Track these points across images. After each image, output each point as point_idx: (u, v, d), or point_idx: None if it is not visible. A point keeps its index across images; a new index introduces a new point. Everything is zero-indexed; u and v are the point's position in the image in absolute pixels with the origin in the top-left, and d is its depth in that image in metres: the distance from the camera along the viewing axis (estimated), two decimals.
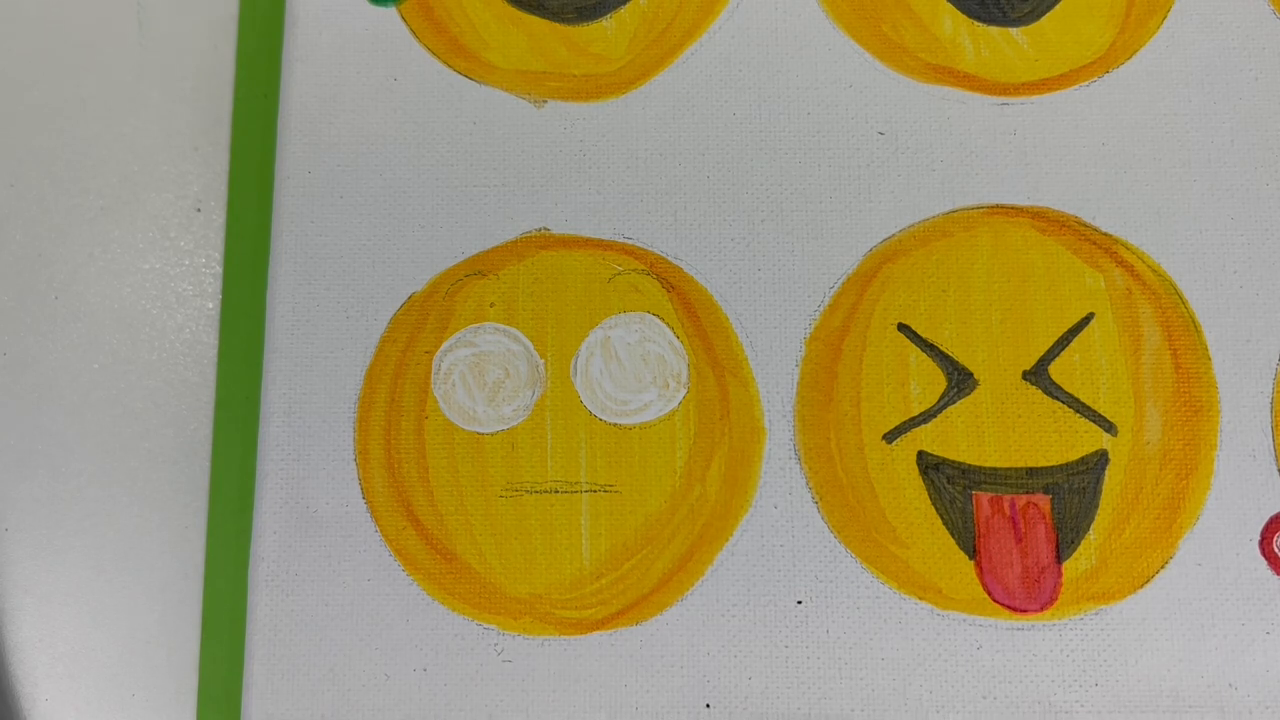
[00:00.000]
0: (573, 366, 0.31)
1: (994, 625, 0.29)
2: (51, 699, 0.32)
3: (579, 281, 0.31)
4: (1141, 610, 0.29)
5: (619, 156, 0.32)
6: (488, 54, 0.33)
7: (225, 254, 0.34)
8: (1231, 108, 0.31)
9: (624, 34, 0.33)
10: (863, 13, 0.32)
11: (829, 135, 0.32)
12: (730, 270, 0.31)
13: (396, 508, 0.30)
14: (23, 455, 0.33)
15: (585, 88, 0.32)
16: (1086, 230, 0.31)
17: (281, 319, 0.31)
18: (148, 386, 0.33)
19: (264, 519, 0.30)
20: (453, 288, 0.31)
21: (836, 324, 0.31)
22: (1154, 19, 0.32)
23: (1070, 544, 0.29)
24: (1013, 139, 0.31)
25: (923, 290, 0.31)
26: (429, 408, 0.30)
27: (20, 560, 0.32)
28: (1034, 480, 0.30)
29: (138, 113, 0.35)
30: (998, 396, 0.30)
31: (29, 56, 0.36)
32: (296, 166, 0.32)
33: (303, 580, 0.30)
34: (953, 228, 0.31)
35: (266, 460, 0.30)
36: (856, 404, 0.30)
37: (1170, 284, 0.30)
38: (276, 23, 0.34)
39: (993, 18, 0.32)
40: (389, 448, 0.30)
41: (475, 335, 0.31)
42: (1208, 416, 0.30)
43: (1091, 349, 0.30)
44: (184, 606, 0.32)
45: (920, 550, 0.29)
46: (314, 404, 0.31)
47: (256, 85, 0.35)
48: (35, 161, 0.35)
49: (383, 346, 0.31)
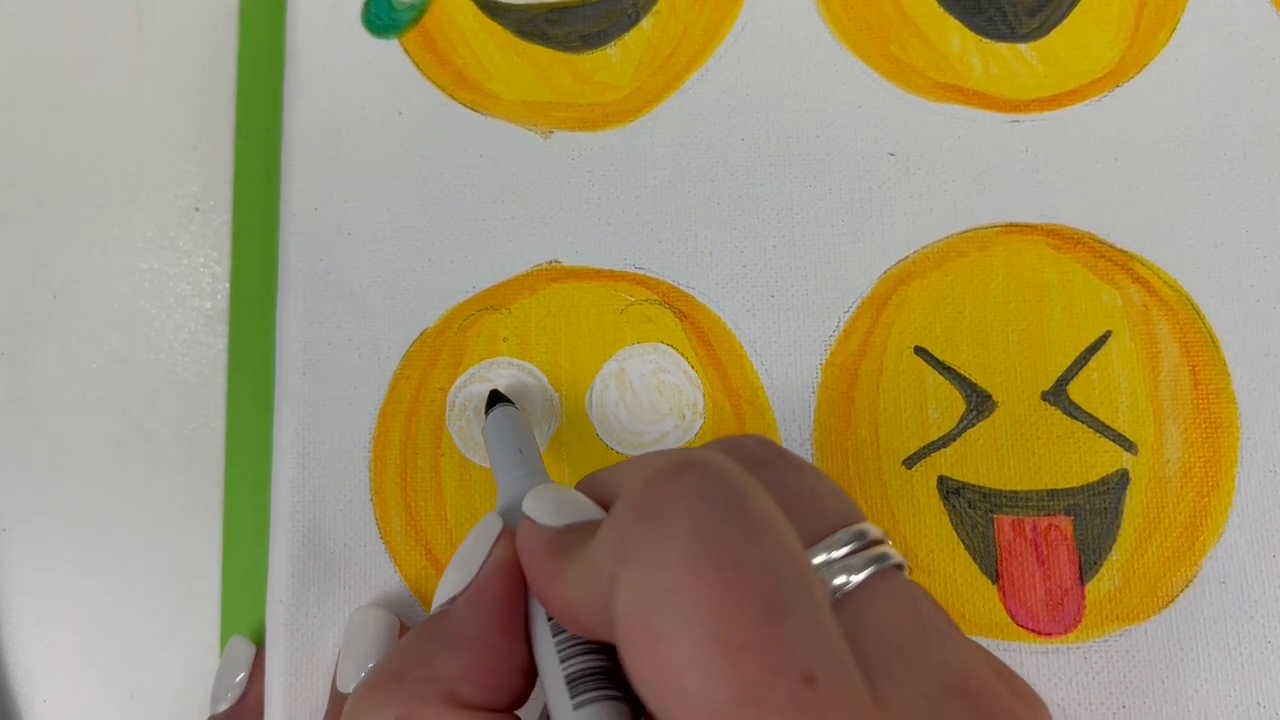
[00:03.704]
0: (588, 399, 0.30)
1: (1019, 649, 0.29)
2: (49, 700, 0.32)
3: (591, 314, 0.31)
4: (1166, 630, 0.29)
5: (628, 185, 0.31)
6: (492, 85, 0.32)
7: (232, 287, 0.34)
8: (1243, 119, 0.31)
9: (629, 61, 0.32)
10: (870, 32, 0.32)
11: (839, 158, 0.31)
12: (743, 297, 0.31)
13: (415, 547, 0.30)
14: (21, 455, 0.33)
15: (592, 117, 0.32)
16: (1102, 247, 0.31)
17: (292, 359, 0.31)
18: (146, 386, 0.33)
19: (279, 562, 0.30)
20: (465, 323, 0.31)
21: (852, 349, 0.30)
22: (1163, 31, 0.32)
23: (1093, 565, 0.29)
24: (1024, 156, 0.31)
25: (938, 312, 0.30)
26: (444, 445, 0.30)
27: (18, 561, 0.32)
28: (1055, 502, 0.29)
29: (136, 112, 0.35)
30: (1017, 418, 0.30)
31: (27, 56, 0.35)
32: (302, 203, 0.32)
33: (321, 624, 0.29)
34: (967, 248, 0.31)
35: (280, 502, 0.30)
36: (875, 430, 0.30)
37: (1187, 299, 0.30)
38: (277, 21, 0.34)
39: (1001, 34, 0.32)
40: (405, 486, 0.30)
41: (489, 370, 0.31)
42: (1228, 433, 0.30)
43: (1110, 367, 0.30)
44: (183, 607, 0.32)
45: (943, 575, 0.29)
46: (328, 444, 0.30)
47: (258, 83, 0.34)
48: (33, 161, 0.35)
49: (396, 384, 0.31)
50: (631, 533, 0.17)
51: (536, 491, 0.22)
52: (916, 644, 0.18)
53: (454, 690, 0.21)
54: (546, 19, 0.33)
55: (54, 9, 0.35)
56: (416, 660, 0.21)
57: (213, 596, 0.32)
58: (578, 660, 0.20)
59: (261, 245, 0.34)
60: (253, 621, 0.32)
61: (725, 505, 0.17)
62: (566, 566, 0.20)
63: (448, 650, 0.21)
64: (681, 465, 0.18)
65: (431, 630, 0.22)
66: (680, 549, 0.16)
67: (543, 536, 0.21)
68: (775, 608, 0.16)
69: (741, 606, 0.16)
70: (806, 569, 0.17)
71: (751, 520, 0.17)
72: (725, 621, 0.16)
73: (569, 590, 0.20)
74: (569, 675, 0.20)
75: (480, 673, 0.21)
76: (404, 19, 0.33)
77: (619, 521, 0.18)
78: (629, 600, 0.17)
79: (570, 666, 0.20)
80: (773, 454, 0.21)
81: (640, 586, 0.16)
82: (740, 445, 0.21)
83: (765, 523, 0.17)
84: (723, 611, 0.16)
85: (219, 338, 0.34)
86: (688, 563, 0.16)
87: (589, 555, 0.19)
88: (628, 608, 0.17)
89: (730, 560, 0.16)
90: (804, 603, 0.16)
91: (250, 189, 0.34)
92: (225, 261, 0.34)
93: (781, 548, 0.17)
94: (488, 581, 0.22)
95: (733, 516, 0.17)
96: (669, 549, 0.16)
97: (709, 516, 0.17)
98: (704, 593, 0.16)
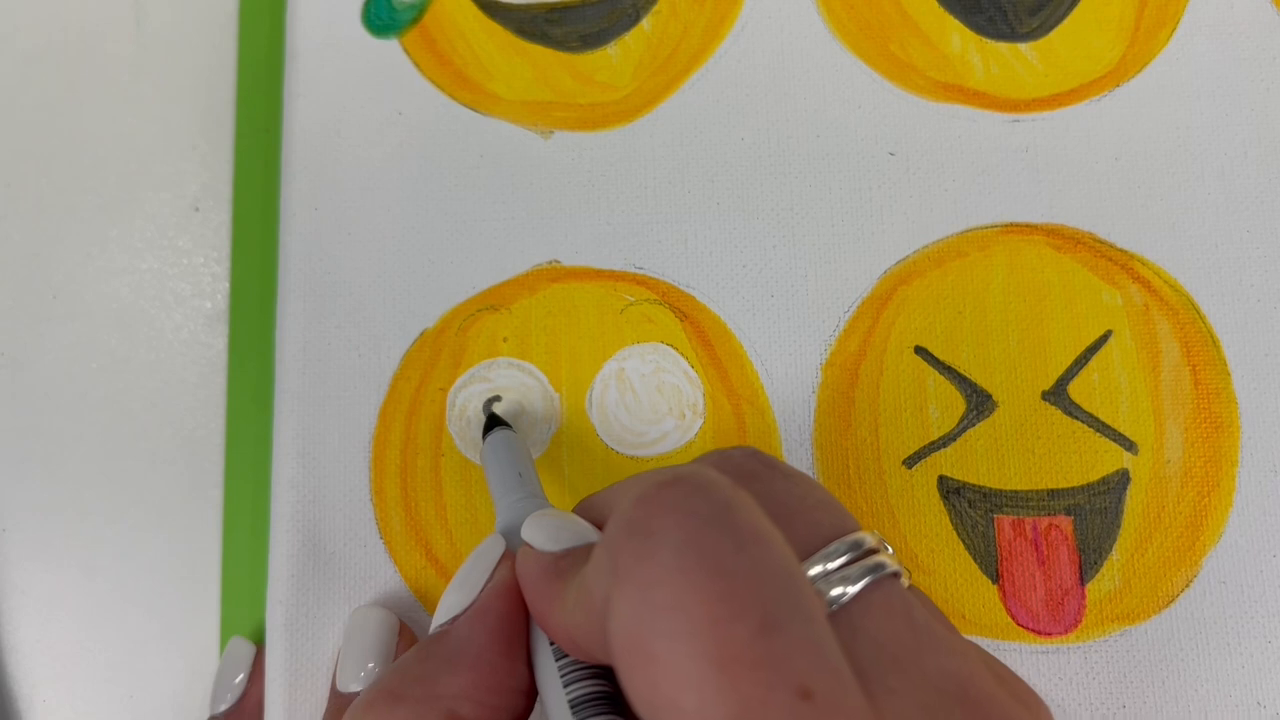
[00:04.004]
0: (588, 399, 0.30)
1: (1019, 649, 0.29)
2: (49, 701, 0.32)
3: (591, 314, 0.31)
4: (1167, 630, 0.29)
5: (628, 185, 0.31)
6: (492, 85, 0.32)
7: (232, 287, 0.34)
8: (1244, 119, 0.31)
9: (629, 61, 0.32)
10: (870, 32, 0.32)
11: (839, 157, 0.31)
12: (743, 297, 0.31)
13: (415, 547, 0.30)
14: (20, 455, 0.33)
15: (592, 117, 0.32)
16: (1102, 246, 0.31)
17: (292, 359, 0.31)
18: (145, 386, 0.33)
19: (279, 562, 0.30)
20: (465, 323, 0.31)
21: (853, 349, 0.30)
22: (1164, 31, 0.32)
23: (1093, 565, 0.29)
24: (1025, 156, 0.31)
25: (939, 312, 0.30)
26: (444, 445, 0.30)
27: (17, 561, 0.32)
28: (1056, 502, 0.29)
29: (135, 112, 0.35)
30: (1017, 418, 0.30)
31: (27, 55, 0.35)
32: (302, 203, 0.32)
33: (321, 624, 0.29)
34: (967, 248, 0.31)
35: (280, 502, 0.30)
36: (875, 430, 0.30)
37: (1188, 299, 0.30)
38: (277, 21, 0.34)
39: (1001, 34, 0.32)
40: (405, 486, 0.30)
41: (489, 370, 0.31)
42: (1228, 433, 0.30)
43: (1110, 367, 0.30)
44: (184, 607, 0.32)
45: (943, 576, 0.29)
46: (328, 444, 0.30)
47: (258, 83, 0.34)
48: (32, 161, 0.35)
49: (396, 384, 0.31)
50: (622, 550, 0.17)
51: (534, 518, 0.22)
52: (914, 653, 0.17)
53: (454, 710, 0.21)
54: (547, 19, 0.33)
55: (54, 9, 0.35)
56: (416, 678, 0.21)
57: (213, 596, 0.32)
58: (580, 685, 0.20)
59: (261, 245, 0.34)
60: (253, 621, 0.32)
61: (713, 518, 0.17)
62: (565, 591, 0.20)
63: (449, 669, 0.21)
64: (668, 481, 0.17)
65: (431, 650, 0.22)
66: (670, 564, 0.16)
67: (541, 562, 0.21)
68: (769, 621, 0.16)
69: (735, 620, 0.15)
70: (800, 580, 0.17)
71: (740, 532, 0.17)
72: (719, 637, 0.15)
73: (567, 615, 0.19)
74: (573, 700, 0.20)
75: (481, 692, 0.21)
76: (404, 19, 0.33)
77: (610, 541, 0.18)
78: (622, 619, 0.16)
79: (573, 691, 0.20)
80: (761, 465, 0.21)
81: (632, 604, 0.16)
82: (728, 458, 0.21)
83: (755, 534, 0.17)
84: (716, 626, 0.15)
85: (219, 338, 0.34)
86: (678, 577, 0.16)
87: (585, 578, 0.19)
88: (621, 627, 0.16)
89: (721, 573, 0.16)
90: (798, 615, 0.16)
91: (250, 189, 0.34)
92: (225, 261, 0.34)
93: (773, 559, 0.16)
94: (489, 603, 0.22)
95: (721, 529, 0.16)
96: (659, 564, 0.16)
97: (697, 530, 0.16)
98: (696, 607, 0.16)
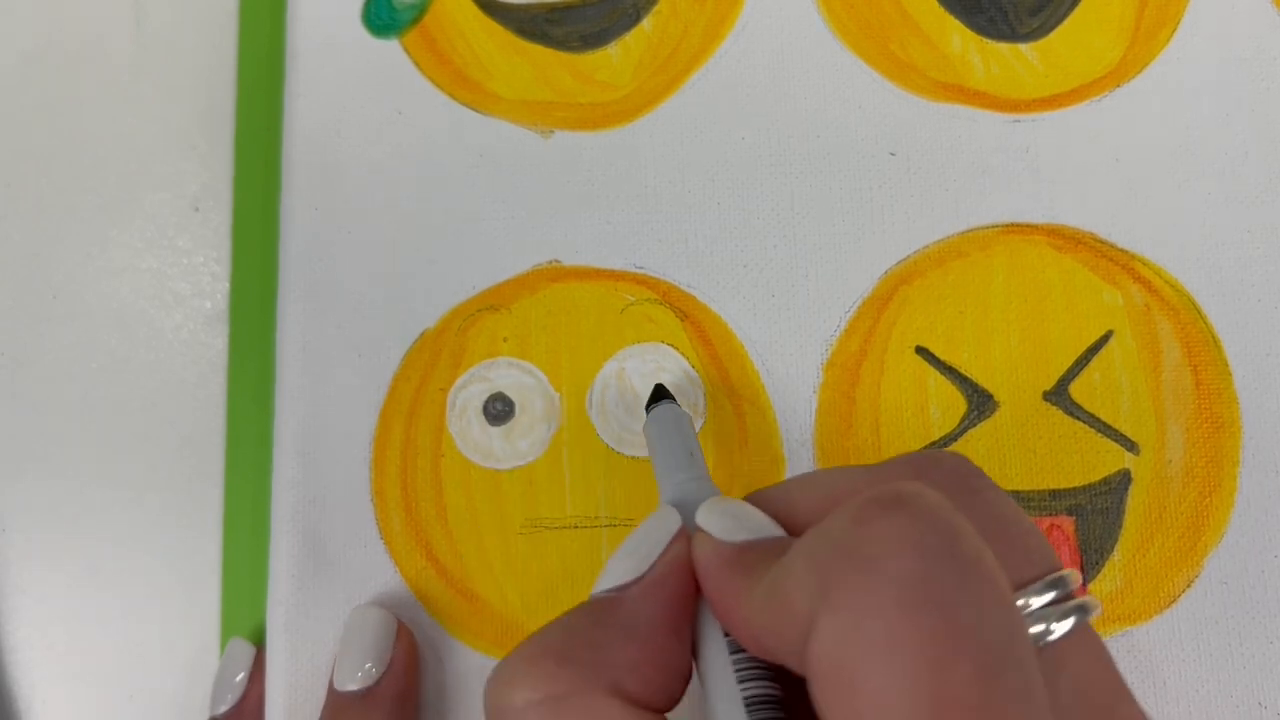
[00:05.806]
0: (588, 399, 0.30)
1: None
2: (48, 701, 0.32)
3: (592, 313, 0.31)
4: (1168, 631, 0.29)
5: (628, 185, 0.31)
6: (492, 85, 0.32)
7: (232, 287, 0.34)
8: (1245, 119, 0.31)
9: (629, 61, 0.32)
10: (870, 32, 0.32)
11: (839, 157, 0.31)
12: (744, 297, 0.31)
13: (415, 548, 0.30)
14: (20, 455, 0.33)
15: (592, 116, 0.32)
16: (1103, 247, 0.31)
17: (292, 359, 0.31)
18: (145, 386, 0.33)
19: (279, 562, 0.30)
20: (465, 323, 0.31)
21: (854, 349, 0.30)
22: (1164, 31, 0.32)
23: (1095, 566, 0.29)
24: (1025, 156, 0.31)
25: (940, 312, 0.30)
26: (445, 445, 0.30)
27: (17, 561, 0.32)
28: (1057, 502, 0.29)
29: (135, 111, 0.35)
30: (1018, 418, 0.30)
31: (27, 56, 0.35)
32: (302, 203, 0.32)
33: (321, 624, 0.29)
34: (968, 247, 0.31)
35: (280, 503, 0.30)
36: (876, 430, 0.30)
37: (1188, 299, 0.30)
38: (277, 21, 0.34)
39: (1001, 34, 0.32)
40: (405, 487, 0.30)
41: (489, 371, 0.31)
42: (1230, 433, 0.29)
43: (1111, 367, 0.30)
44: (184, 607, 0.32)
45: None
46: (327, 445, 0.30)
47: (258, 83, 0.34)
48: (32, 160, 0.35)
49: (396, 384, 0.31)
50: (836, 573, 0.16)
51: (712, 504, 0.22)
52: (1112, 701, 0.17)
53: (619, 682, 0.19)
54: (547, 19, 0.33)
55: (54, 9, 0.35)
56: (586, 643, 0.20)
57: (213, 596, 0.32)
58: (756, 684, 0.19)
59: (261, 245, 0.34)
60: (253, 621, 0.32)
61: (940, 552, 0.16)
62: (750, 587, 0.19)
63: (621, 639, 0.20)
64: (890, 503, 0.17)
65: (601, 616, 0.21)
66: (889, 597, 0.16)
67: (722, 553, 0.20)
68: (988, 665, 0.15)
69: (955, 664, 0.15)
70: (1018, 620, 0.16)
71: (967, 567, 0.16)
72: (937, 679, 0.15)
73: (754, 613, 0.19)
74: (748, 699, 0.19)
75: (648, 669, 0.20)
76: (404, 19, 0.33)
77: (819, 557, 0.17)
78: (830, 644, 0.16)
79: (749, 689, 0.19)
80: (973, 475, 0.20)
81: (845, 632, 0.16)
82: (939, 465, 0.20)
83: (980, 570, 0.16)
84: (936, 668, 0.15)
85: (219, 338, 0.34)
86: (896, 613, 0.15)
87: (778, 582, 0.18)
88: (828, 651, 0.16)
89: (943, 612, 0.15)
90: (1015, 660, 0.15)
91: (250, 189, 0.34)
92: (225, 261, 0.34)
93: (996, 599, 0.16)
94: (665, 577, 0.21)
95: (948, 565, 0.16)
96: (877, 595, 0.16)
97: (921, 564, 0.16)
98: (916, 647, 0.15)
